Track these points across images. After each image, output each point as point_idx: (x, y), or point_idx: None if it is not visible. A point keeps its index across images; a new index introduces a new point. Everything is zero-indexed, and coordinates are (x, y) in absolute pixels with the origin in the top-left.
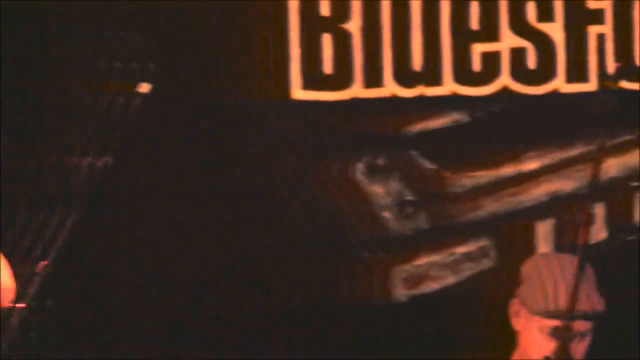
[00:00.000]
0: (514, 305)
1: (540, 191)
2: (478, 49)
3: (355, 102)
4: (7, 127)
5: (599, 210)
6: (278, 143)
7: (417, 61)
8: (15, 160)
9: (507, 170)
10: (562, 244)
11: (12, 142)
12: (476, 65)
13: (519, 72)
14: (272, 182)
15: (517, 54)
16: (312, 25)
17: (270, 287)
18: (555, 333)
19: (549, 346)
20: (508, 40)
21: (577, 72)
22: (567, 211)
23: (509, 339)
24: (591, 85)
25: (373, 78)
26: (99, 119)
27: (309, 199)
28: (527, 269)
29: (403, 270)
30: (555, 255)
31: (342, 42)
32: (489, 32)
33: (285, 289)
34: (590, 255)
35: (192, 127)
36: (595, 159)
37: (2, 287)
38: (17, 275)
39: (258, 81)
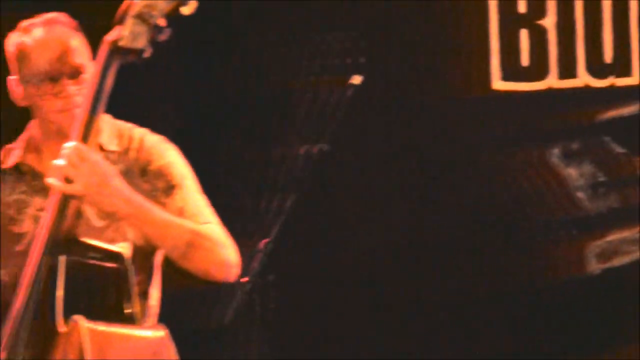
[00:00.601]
0: None
1: None
2: None
3: (551, 92)
4: (234, 124)
5: None
6: (480, 131)
7: (608, 54)
8: (242, 153)
9: None
10: None
11: (241, 138)
12: None
13: None
14: (475, 169)
15: None
16: (510, 21)
17: (474, 269)
18: None
19: None
20: None
21: None
22: None
23: None
24: None
25: (567, 70)
26: (317, 111)
27: (509, 183)
28: None
29: (596, 246)
30: None
31: (539, 37)
32: None
33: (489, 269)
34: None
35: (398, 116)
36: None
37: (229, 263)
38: (242, 253)
39: (461, 74)
